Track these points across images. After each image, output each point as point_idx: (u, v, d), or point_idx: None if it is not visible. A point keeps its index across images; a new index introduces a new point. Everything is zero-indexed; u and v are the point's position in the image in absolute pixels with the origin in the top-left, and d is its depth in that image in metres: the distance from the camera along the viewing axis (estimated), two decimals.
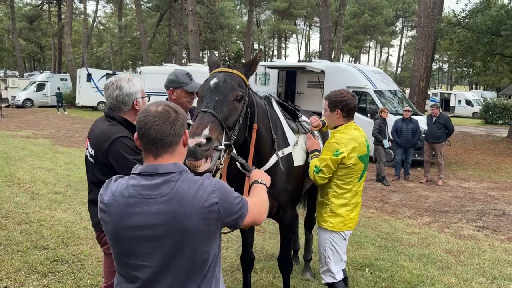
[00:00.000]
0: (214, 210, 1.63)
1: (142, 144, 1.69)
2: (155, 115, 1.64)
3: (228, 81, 2.63)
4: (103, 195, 1.71)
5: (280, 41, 67.16)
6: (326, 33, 19.08)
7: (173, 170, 1.65)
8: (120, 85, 2.78)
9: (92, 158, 2.77)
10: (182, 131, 1.69)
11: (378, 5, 57.35)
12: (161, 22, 44.97)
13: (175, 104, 1.73)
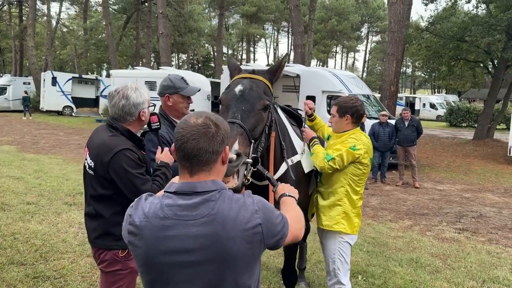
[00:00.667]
0: (257, 232, 1.49)
1: (178, 158, 1.54)
2: (193, 128, 1.49)
3: (254, 89, 2.49)
4: (133, 216, 1.54)
5: (249, 45, 67.25)
6: (299, 37, 19.17)
7: (212, 188, 1.51)
8: (127, 94, 2.60)
9: (91, 170, 2.59)
10: (221, 148, 1.54)
11: (345, 10, 58.38)
12: (128, 25, 44.07)
13: (218, 117, 1.59)
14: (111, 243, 2.61)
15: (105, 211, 2.60)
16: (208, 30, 53.28)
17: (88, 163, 2.62)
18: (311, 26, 26.37)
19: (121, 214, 2.57)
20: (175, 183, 1.55)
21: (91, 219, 2.67)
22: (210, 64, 64.66)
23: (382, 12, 65.91)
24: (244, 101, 2.44)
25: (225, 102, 2.51)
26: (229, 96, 2.51)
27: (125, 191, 2.52)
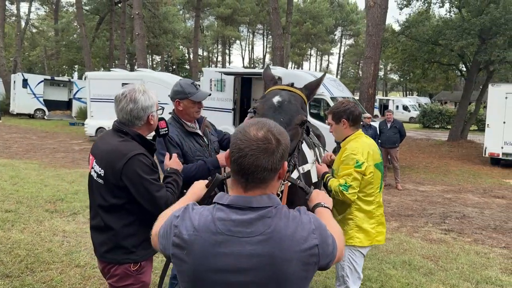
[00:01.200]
0: (314, 254, 1.39)
1: (233, 170, 1.43)
2: (253, 143, 1.38)
3: (292, 102, 2.40)
4: (180, 227, 1.42)
5: (225, 47, 67.06)
6: (278, 40, 19.18)
7: (268, 204, 1.40)
8: (134, 97, 2.47)
9: (100, 178, 2.43)
10: (280, 165, 1.43)
11: (319, 14, 58.96)
12: (100, 26, 43.24)
13: (279, 129, 1.47)
14: (122, 256, 2.48)
15: (116, 222, 2.45)
16: (183, 32, 52.85)
17: (96, 171, 2.47)
18: (288, 29, 26.46)
19: (133, 225, 2.49)
20: (227, 195, 1.44)
21: (100, 232, 2.52)
22: (185, 66, 64.14)
23: (355, 16, 66.95)
24: (282, 113, 2.34)
25: (261, 111, 2.39)
26: (266, 106, 2.40)
27: (139, 199, 2.39)
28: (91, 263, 4.96)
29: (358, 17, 67.48)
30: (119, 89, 9.34)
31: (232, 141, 1.43)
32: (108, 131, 2.63)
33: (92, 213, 2.58)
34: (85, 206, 7.44)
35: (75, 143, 17.45)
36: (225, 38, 62.76)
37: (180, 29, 50.77)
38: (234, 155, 1.40)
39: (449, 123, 32.67)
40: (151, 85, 16.80)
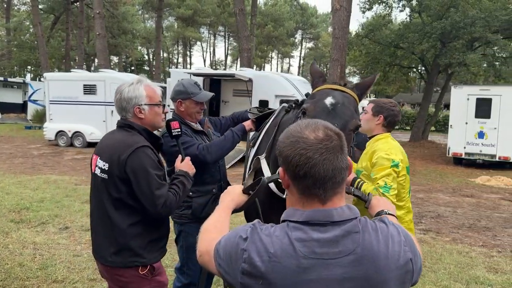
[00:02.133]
0: (409, 270, 1.23)
1: (302, 187, 1.22)
2: (319, 145, 1.19)
3: (346, 105, 2.18)
4: (250, 252, 1.20)
5: (186, 49, 66.25)
6: (245, 41, 19.02)
7: (351, 216, 1.22)
8: (121, 90, 2.40)
9: (105, 173, 2.28)
10: (348, 160, 1.26)
11: (280, 17, 59.38)
12: (55, 26, 41.54)
13: (331, 125, 1.30)
14: (129, 259, 2.30)
15: (122, 221, 2.28)
16: (143, 32, 51.70)
17: (100, 167, 2.32)
18: (253, 30, 26.39)
19: (139, 224, 2.31)
20: (299, 210, 1.23)
21: (104, 232, 2.34)
22: (144, 67, 62.80)
23: (315, 19, 67.99)
24: (336, 117, 2.11)
25: (313, 113, 2.16)
26: (317, 107, 2.17)
27: (138, 193, 2.24)
28: (70, 277, 4.60)
29: (317, 21, 68.60)
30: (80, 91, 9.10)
31: (291, 154, 1.22)
32: (113, 130, 2.52)
33: (96, 213, 2.40)
34: (53, 215, 6.99)
35: (33, 147, 16.55)
36: (186, 39, 61.99)
37: (140, 29, 49.63)
38: (301, 168, 1.20)
39: (408, 124, 33.74)
40: (115, 87, 16.08)
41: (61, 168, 12.13)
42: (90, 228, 2.53)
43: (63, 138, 16.91)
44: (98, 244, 2.40)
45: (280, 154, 1.27)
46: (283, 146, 1.25)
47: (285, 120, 2.82)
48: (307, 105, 2.22)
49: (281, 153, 1.26)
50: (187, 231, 3.08)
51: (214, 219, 1.60)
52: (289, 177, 1.25)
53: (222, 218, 1.61)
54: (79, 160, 13.61)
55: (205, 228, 1.54)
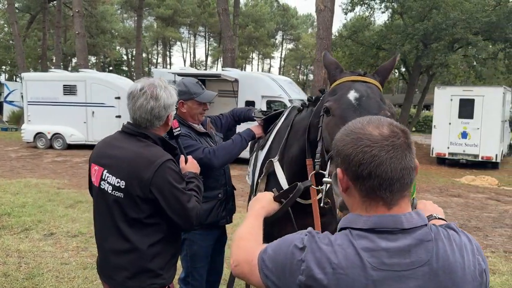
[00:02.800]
0: (483, 283, 1.11)
1: (365, 188, 1.10)
2: (385, 142, 1.08)
3: (371, 97, 2.00)
4: (309, 262, 1.08)
5: (166, 49, 65.58)
6: (228, 42, 18.84)
7: (420, 223, 1.10)
8: (156, 94, 2.09)
9: (120, 191, 2.03)
10: (415, 160, 1.15)
11: (261, 17, 59.36)
12: (32, 25, 40.52)
13: (394, 121, 1.19)
14: (148, 282, 2.09)
15: (142, 242, 2.06)
16: (121, 32, 50.92)
17: (111, 183, 2.06)
18: (236, 31, 26.22)
19: (159, 243, 2.09)
20: (364, 216, 1.11)
21: (119, 255, 2.09)
22: (122, 68, 61.88)
23: (296, 21, 68.21)
24: (364, 113, 1.93)
25: (338, 112, 1.98)
26: (342, 104, 1.98)
27: (169, 211, 2.04)
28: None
29: (298, 22, 68.86)
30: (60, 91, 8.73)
31: (349, 152, 1.11)
32: (116, 135, 2.22)
33: (107, 233, 2.14)
34: (37, 221, 6.68)
35: (10, 150, 16.00)
36: (165, 39, 61.36)
37: (118, 29, 48.88)
38: (365, 167, 1.08)
39: None
40: (96, 87, 15.86)
41: (41, 171, 11.72)
42: (97, 246, 2.30)
43: (42, 140, 16.41)
44: (108, 265, 2.16)
45: (339, 154, 1.15)
46: (342, 145, 1.14)
47: (298, 120, 2.67)
48: (329, 103, 2.05)
49: (340, 152, 1.15)
50: (191, 239, 2.90)
51: (248, 226, 1.48)
52: (350, 177, 1.13)
53: (256, 226, 1.50)
54: (59, 163, 13.20)
55: (239, 236, 1.42)
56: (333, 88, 2.12)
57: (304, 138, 2.41)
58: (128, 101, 2.15)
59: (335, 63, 2.26)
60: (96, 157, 2.19)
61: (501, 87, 14.67)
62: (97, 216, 2.23)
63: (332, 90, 2.12)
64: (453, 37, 17.82)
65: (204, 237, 2.96)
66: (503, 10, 17.77)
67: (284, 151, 2.65)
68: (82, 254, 5.39)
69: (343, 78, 2.11)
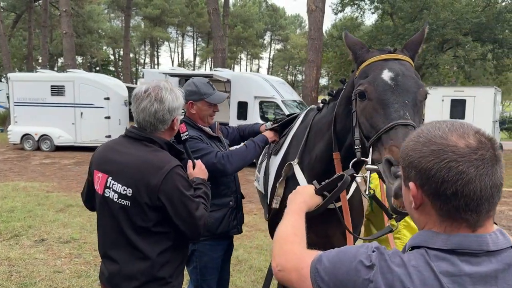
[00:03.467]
0: None
1: (448, 208, 0.97)
2: (474, 156, 0.94)
3: (407, 74, 1.86)
4: (378, 284, 0.96)
5: (153, 49, 65.06)
6: (219, 42, 18.68)
7: (507, 245, 0.98)
8: (161, 96, 1.99)
9: (126, 199, 1.93)
10: None
11: (250, 18, 59.26)
12: (17, 24, 39.81)
13: (479, 128, 1.04)
14: None
15: (151, 250, 1.96)
16: (109, 32, 50.37)
17: (117, 191, 1.95)
18: (225, 31, 26.06)
19: (168, 251, 1.98)
20: (443, 235, 0.98)
21: (128, 264, 1.99)
22: (109, 68, 61.23)
23: (284, 21, 68.25)
24: (403, 93, 1.81)
25: (374, 95, 1.84)
26: (378, 87, 1.84)
27: (176, 219, 1.95)
28: None
29: (286, 22, 68.90)
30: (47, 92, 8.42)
31: (429, 167, 0.97)
32: (119, 140, 2.12)
33: (114, 242, 2.03)
34: (26, 226, 6.46)
35: None
36: (153, 39, 60.87)
37: (106, 29, 48.34)
38: (450, 185, 0.94)
39: None
40: (84, 88, 15.57)
41: (29, 173, 11.42)
42: (100, 255, 2.17)
43: (29, 141, 16.04)
44: (117, 275, 2.04)
45: (413, 166, 1.01)
46: (418, 156, 0.99)
47: (319, 119, 2.53)
48: (363, 86, 1.89)
49: (414, 164, 1.00)
50: (201, 250, 2.73)
51: (291, 225, 1.35)
52: (428, 195, 0.99)
53: (299, 224, 1.37)
54: (47, 165, 12.90)
55: (282, 237, 1.30)
56: (363, 69, 1.97)
57: (330, 133, 2.27)
58: (132, 103, 2.08)
59: (360, 43, 2.12)
60: (99, 163, 2.08)
61: (492, 88, 14.79)
62: (101, 225, 2.11)
63: (364, 72, 1.96)
64: (443, 37, 17.89)
65: (215, 247, 2.80)
66: (492, 11, 17.92)
67: (303, 154, 2.52)
68: (76, 261, 5.19)
69: (373, 57, 1.97)
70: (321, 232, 2.39)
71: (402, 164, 1.07)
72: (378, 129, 1.77)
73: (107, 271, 2.07)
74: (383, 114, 1.78)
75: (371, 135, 1.82)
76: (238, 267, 5.14)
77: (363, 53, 2.04)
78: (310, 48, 17.94)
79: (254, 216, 7.47)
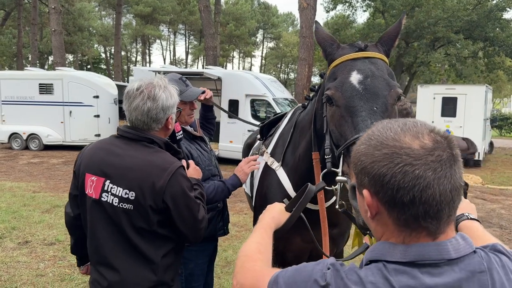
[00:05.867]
0: None
1: (405, 217, 0.89)
2: (430, 158, 0.86)
3: (377, 75, 1.73)
4: None
5: (145, 47, 64.68)
6: (210, 39, 18.53)
7: (469, 250, 0.90)
8: (154, 94, 1.91)
9: (128, 203, 1.83)
10: None
11: (242, 16, 59.06)
12: (6, 22, 39.36)
13: (433, 126, 0.95)
14: None
15: (156, 255, 1.88)
16: (100, 30, 49.97)
17: (117, 194, 1.85)
18: (217, 28, 25.91)
19: (172, 254, 1.91)
20: (401, 246, 0.89)
21: (132, 270, 1.89)
22: (101, 66, 60.80)
23: (276, 19, 68.13)
24: (372, 98, 1.67)
25: (342, 101, 1.72)
26: (345, 92, 1.72)
27: (178, 221, 1.89)
28: None
29: (278, 21, 68.77)
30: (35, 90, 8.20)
31: (382, 172, 0.88)
32: (113, 141, 1.99)
33: (116, 248, 1.91)
34: (10, 228, 6.31)
35: None
36: (145, 37, 60.53)
37: (96, 26, 47.95)
38: (407, 192, 0.86)
39: None
40: (73, 86, 15.36)
41: (16, 173, 11.22)
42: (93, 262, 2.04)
43: (17, 140, 15.81)
44: (119, 284, 1.94)
45: (366, 172, 0.92)
46: (370, 161, 0.90)
47: (303, 116, 2.39)
48: (331, 91, 1.77)
49: (367, 170, 0.91)
50: (187, 257, 2.57)
51: (256, 241, 1.28)
52: (384, 203, 0.90)
53: (265, 241, 1.30)
54: (35, 165, 12.69)
55: (245, 254, 1.23)
56: (332, 70, 1.86)
57: (311, 131, 2.15)
58: (124, 101, 1.97)
59: (330, 38, 1.98)
60: (92, 166, 1.94)
61: (484, 86, 14.77)
62: (94, 231, 1.96)
63: (332, 73, 1.85)
64: (434, 35, 17.91)
65: (201, 253, 2.67)
66: (484, 9, 17.95)
67: (287, 154, 2.40)
68: (60, 264, 5.06)
69: (342, 56, 1.85)
70: (308, 238, 2.30)
71: (354, 170, 0.98)
72: (346, 139, 1.67)
73: (106, 281, 1.94)
74: (351, 123, 1.67)
75: (341, 144, 1.72)
76: (227, 268, 5.04)
77: (333, 50, 1.93)
78: (301, 46, 17.86)
79: (244, 215, 7.38)
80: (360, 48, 1.84)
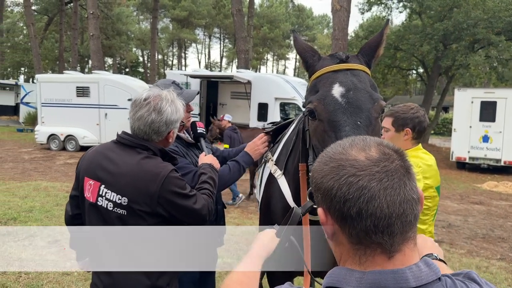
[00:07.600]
0: None
1: (356, 232, 0.85)
2: (376, 169, 0.83)
3: (359, 87, 1.69)
4: None
5: (181, 50, 65.82)
6: (242, 43, 18.62)
7: (432, 278, 0.84)
8: (160, 107, 1.93)
9: (122, 208, 1.86)
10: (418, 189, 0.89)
11: (276, 18, 59.11)
12: (49, 27, 41.03)
13: (385, 141, 0.93)
14: None
15: (149, 257, 1.92)
16: (137, 33, 51.25)
17: (110, 199, 1.88)
18: (250, 32, 26.01)
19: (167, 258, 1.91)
20: (357, 272, 0.86)
21: (127, 274, 1.90)
22: (139, 69, 62.33)
23: (311, 21, 67.76)
24: (355, 112, 1.63)
25: (324, 115, 1.68)
26: (328, 106, 1.67)
27: (179, 217, 1.95)
28: None
29: (313, 23, 68.37)
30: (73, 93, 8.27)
31: (330, 186, 0.86)
32: (110, 146, 2.02)
33: (107, 253, 1.95)
34: (42, 227, 6.51)
35: (24, 151, 16.02)
36: (181, 41, 61.58)
37: (134, 30, 49.20)
38: (353, 204, 0.83)
39: None
40: (108, 89, 15.78)
41: (52, 173, 11.63)
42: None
43: (55, 141, 16.40)
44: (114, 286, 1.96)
45: (318, 188, 0.90)
46: (321, 176, 0.89)
47: None
48: (313, 104, 1.72)
49: (318, 186, 0.89)
50: None
51: (242, 271, 1.27)
52: (336, 218, 0.87)
53: (250, 272, 1.28)
54: (71, 165, 13.11)
55: (228, 284, 1.21)
56: (313, 82, 1.80)
57: None
58: (130, 109, 2.00)
59: (310, 49, 1.93)
60: (90, 170, 1.99)
61: None
62: (93, 234, 2.00)
63: (313, 85, 1.79)
64: (474, 37, 17.25)
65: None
66: None
67: (288, 163, 2.35)
68: None
69: (323, 68, 1.79)
70: None
71: (312, 189, 0.95)
72: None
73: (102, 284, 1.97)
74: (334, 138, 1.59)
75: None
76: None
77: (314, 61, 1.86)
78: (334, 48, 17.60)
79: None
80: (341, 60, 1.78)
